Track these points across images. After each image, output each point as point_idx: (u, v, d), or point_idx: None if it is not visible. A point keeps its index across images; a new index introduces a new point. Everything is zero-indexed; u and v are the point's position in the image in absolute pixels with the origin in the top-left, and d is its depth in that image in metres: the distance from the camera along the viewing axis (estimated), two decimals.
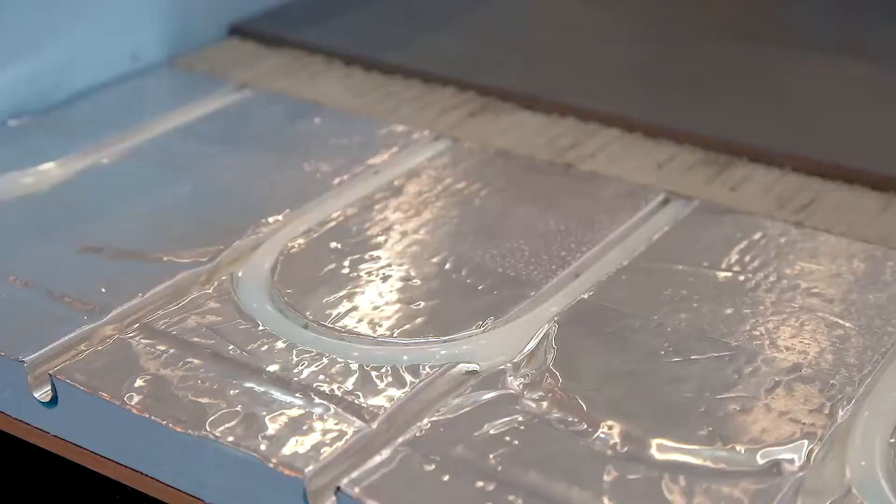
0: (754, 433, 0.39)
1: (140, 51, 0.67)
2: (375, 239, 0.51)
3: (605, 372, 0.42)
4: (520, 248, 0.50)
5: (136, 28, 0.67)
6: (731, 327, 0.45)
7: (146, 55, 0.68)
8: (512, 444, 0.39)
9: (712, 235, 0.51)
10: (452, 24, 0.73)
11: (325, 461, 0.38)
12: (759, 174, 0.56)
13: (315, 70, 0.67)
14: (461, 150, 0.59)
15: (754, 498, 0.37)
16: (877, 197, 0.54)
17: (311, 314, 0.46)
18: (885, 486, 0.37)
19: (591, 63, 0.67)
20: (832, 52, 0.68)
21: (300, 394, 0.42)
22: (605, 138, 0.60)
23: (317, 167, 0.57)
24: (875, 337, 0.44)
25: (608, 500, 0.37)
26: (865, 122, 0.60)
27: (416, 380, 0.42)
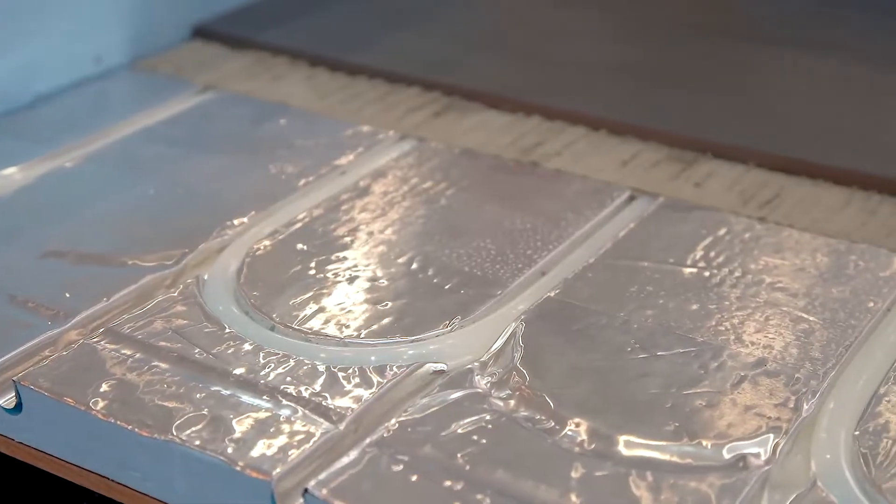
0: (720, 428, 0.39)
1: (103, 53, 0.67)
2: (342, 240, 0.51)
3: (571, 369, 0.42)
4: (486, 247, 0.50)
5: (99, 31, 0.67)
6: (697, 323, 0.45)
7: (109, 58, 0.67)
8: (479, 443, 0.39)
9: (677, 232, 0.51)
10: (417, 24, 0.73)
11: (292, 463, 0.38)
12: (724, 170, 0.56)
13: (280, 71, 0.67)
14: (427, 150, 0.59)
15: (721, 492, 0.37)
16: (840, 192, 0.54)
17: (277, 316, 0.46)
18: (849, 478, 0.37)
19: (555, 61, 0.68)
20: (795, 48, 0.69)
21: (267, 396, 0.42)
22: (571, 136, 0.60)
23: (282, 168, 0.57)
24: (839, 330, 0.44)
25: (575, 497, 0.37)
26: (829, 117, 0.61)
27: (384, 380, 0.42)
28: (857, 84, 0.64)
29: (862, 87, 0.64)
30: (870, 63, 0.66)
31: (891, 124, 0.60)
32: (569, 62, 0.67)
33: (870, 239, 0.50)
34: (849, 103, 0.62)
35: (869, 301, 0.46)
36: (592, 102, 0.62)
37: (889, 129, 0.59)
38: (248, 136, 0.61)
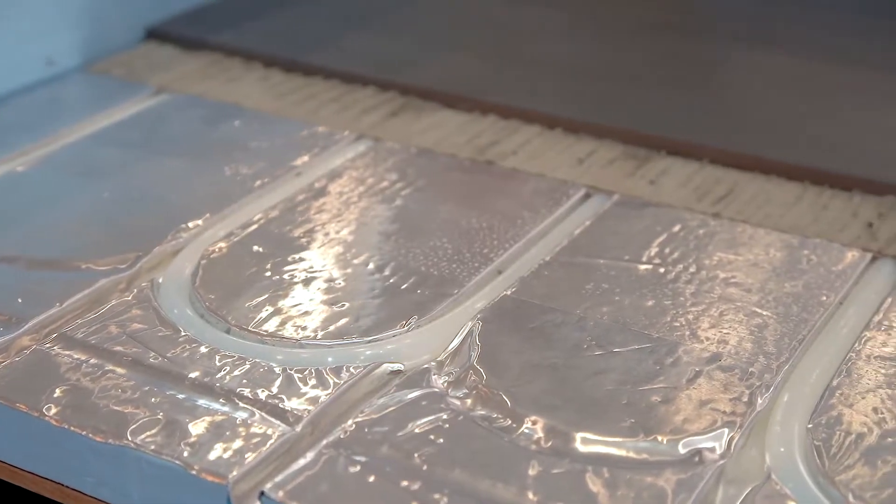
0: (676, 423, 0.40)
1: (55, 56, 0.66)
2: (298, 241, 0.51)
3: (528, 367, 0.42)
4: (442, 247, 0.50)
5: (51, 33, 0.66)
6: (652, 319, 0.45)
7: (61, 60, 0.67)
8: (437, 442, 0.39)
9: (633, 229, 0.51)
10: (373, 23, 0.72)
11: (248, 466, 0.38)
12: (678, 167, 0.57)
13: (234, 72, 0.67)
14: (383, 150, 0.59)
15: (677, 487, 0.37)
16: (792, 187, 0.55)
17: (233, 319, 0.46)
18: (803, 471, 0.38)
19: (511, 60, 0.68)
20: (748, 45, 0.69)
21: (223, 399, 0.41)
22: (526, 135, 0.60)
23: (237, 170, 0.57)
24: (792, 324, 0.45)
25: (532, 494, 0.37)
26: (781, 113, 0.61)
27: (340, 381, 0.42)
28: (810, 80, 0.65)
29: (814, 84, 0.64)
30: (822, 59, 0.67)
31: (842, 120, 0.60)
32: (524, 60, 0.68)
33: (822, 233, 0.51)
34: (801, 99, 0.63)
35: (822, 295, 0.46)
36: (548, 101, 0.63)
37: (841, 125, 0.60)
38: (203, 138, 0.60)
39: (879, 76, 0.65)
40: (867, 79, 0.65)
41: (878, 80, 0.65)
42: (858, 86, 0.64)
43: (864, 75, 0.65)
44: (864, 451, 0.38)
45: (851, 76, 0.65)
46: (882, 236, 0.50)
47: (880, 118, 0.60)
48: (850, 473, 0.37)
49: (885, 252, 0.49)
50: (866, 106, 0.62)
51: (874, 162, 0.56)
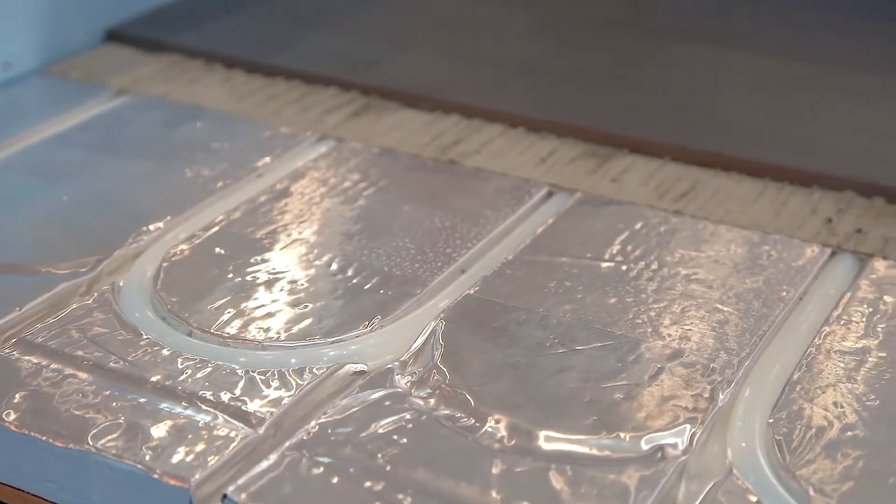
0: (638, 420, 0.40)
1: (12, 59, 0.66)
2: (260, 242, 0.51)
3: (491, 366, 0.43)
4: (405, 247, 0.50)
5: (7, 35, 0.65)
6: (615, 316, 0.45)
7: (19, 63, 0.66)
8: (400, 442, 0.39)
9: (595, 227, 0.51)
10: (334, 24, 0.72)
11: (211, 469, 0.38)
12: (640, 165, 0.57)
13: (195, 74, 0.67)
14: (345, 150, 0.59)
15: (640, 483, 0.37)
16: (753, 183, 0.55)
17: (195, 321, 0.45)
18: (764, 465, 0.38)
19: (473, 59, 0.68)
20: (708, 43, 0.70)
21: (185, 402, 0.41)
22: (489, 134, 0.60)
23: (198, 172, 0.56)
24: (753, 320, 0.45)
25: (496, 493, 0.37)
26: (742, 110, 0.62)
27: (304, 383, 0.42)
28: (770, 78, 0.65)
29: (774, 81, 0.65)
30: (781, 57, 0.67)
31: (802, 117, 0.61)
32: (486, 60, 0.68)
33: (782, 229, 0.51)
34: (761, 97, 0.63)
35: (782, 290, 0.47)
36: (510, 100, 0.63)
37: (800, 121, 0.60)
38: (164, 140, 0.60)
39: (837, 72, 0.66)
40: (825, 75, 0.65)
41: (835, 77, 0.65)
42: (817, 83, 0.65)
43: (822, 72, 0.66)
44: (824, 445, 0.39)
45: (810, 73, 0.66)
46: (841, 231, 0.51)
47: (839, 114, 0.61)
48: (811, 467, 0.38)
49: (843, 247, 0.50)
50: (825, 102, 0.62)
51: (833, 158, 0.56)
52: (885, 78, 0.65)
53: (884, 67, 0.66)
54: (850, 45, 0.69)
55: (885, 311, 0.45)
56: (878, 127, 0.59)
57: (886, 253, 0.49)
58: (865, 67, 0.66)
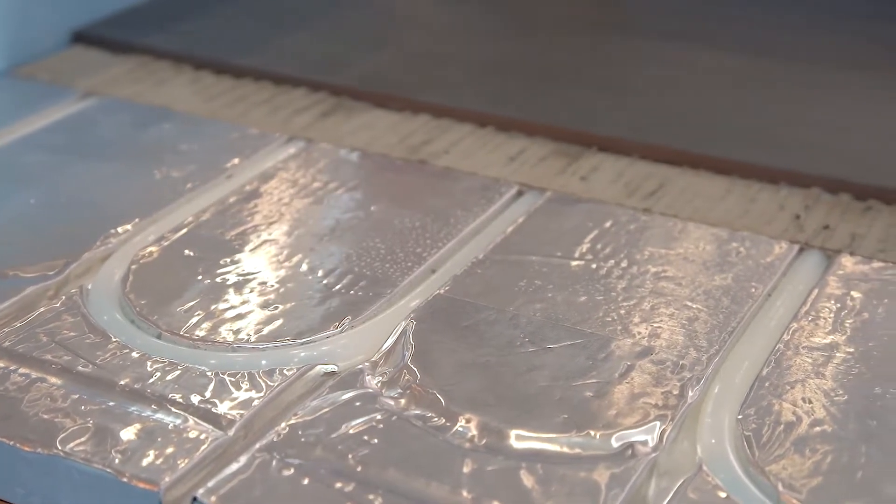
0: (608, 418, 0.40)
1: None
2: (230, 244, 0.50)
3: (462, 365, 0.43)
4: (375, 247, 0.50)
5: None
6: (585, 315, 0.45)
7: None
8: (371, 443, 0.39)
9: (564, 225, 0.52)
10: (302, 24, 0.72)
11: (181, 472, 0.38)
12: (609, 163, 0.57)
13: (163, 75, 0.66)
14: (315, 151, 0.58)
15: (610, 481, 0.37)
16: (721, 181, 0.55)
17: (164, 324, 0.45)
18: (734, 461, 0.38)
19: (442, 59, 0.68)
20: (676, 41, 0.70)
21: (155, 405, 0.41)
22: (458, 134, 0.60)
23: (167, 174, 0.56)
24: (722, 316, 0.45)
25: (466, 492, 0.37)
26: (709, 108, 0.62)
27: (274, 384, 0.42)
28: (737, 75, 0.66)
29: (741, 79, 0.65)
30: (748, 55, 0.68)
31: (768, 114, 0.61)
32: (455, 59, 0.68)
33: (750, 226, 0.51)
34: (728, 94, 0.63)
35: (751, 287, 0.47)
36: (479, 99, 0.63)
37: (767, 118, 0.61)
38: (132, 142, 0.60)
39: (803, 70, 0.66)
40: (791, 73, 0.66)
41: (802, 74, 0.66)
42: (783, 80, 0.65)
43: (788, 70, 0.66)
44: (793, 441, 0.39)
45: (777, 71, 0.66)
46: (809, 228, 0.51)
47: (806, 111, 0.61)
48: (781, 463, 0.38)
49: (811, 243, 0.50)
50: (792, 99, 0.63)
51: (801, 155, 0.57)
52: (850, 75, 0.65)
53: (849, 65, 0.66)
54: (816, 42, 0.70)
55: (852, 306, 0.45)
56: (845, 124, 0.60)
57: (853, 249, 0.49)
58: (830, 65, 0.66)
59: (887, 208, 0.52)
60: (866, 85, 0.64)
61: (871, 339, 0.44)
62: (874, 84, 0.64)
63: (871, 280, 0.47)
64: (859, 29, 0.71)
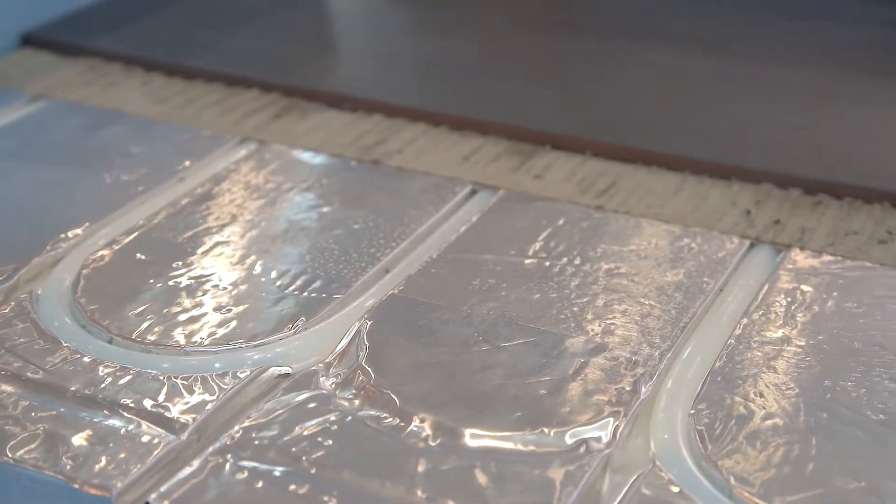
0: (562, 415, 0.40)
1: None
2: (182, 247, 0.50)
3: (416, 365, 0.43)
4: (329, 248, 0.50)
5: None
6: (538, 312, 0.45)
7: None
8: (325, 444, 0.39)
9: (518, 224, 0.52)
10: (254, 25, 0.72)
11: (133, 477, 0.38)
12: (562, 161, 0.57)
13: (114, 78, 0.66)
14: (268, 152, 0.58)
15: (564, 478, 0.37)
16: (673, 177, 0.55)
17: (116, 328, 0.45)
18: (686, 456, 0.38)
19: (395, 59, 0.68)
20: (627, 40, 0.70)
21: (107, 410, 0.41)
22: (412, 133, 0.60)
23: (118, 177, 0.56)
24: (675, 312, 0.45)
25: (421, 492, 0.37)
26: (661, 105, 0.62)
27: (227, 387, 0.42)
28: (688, 73, 0.66)
29: (692, 76, 0.66)
30: (699, 52, 0.68)
31: (720, 111, 0.61)
32: (407, 59, 0.68)
33: (702, 222, 0.52)
34: (680, 92, 0.64)
35: (703, 282, 0.47)
36: (432, 98, 0.63)
37: (717, 115, 0.61)
38: (82, 146, 0.59)
39: (754, 67, 0.66)
40: (742, 69, 0.66)
41: (753, 71, 0.66)
42: (734, 77, 0.65)
43: (739, 66, 0.67)
44: (746, 435, 0.39)
45: (728, 67, 0.67)
46: (759, 223, 0.52)
47: (756, 107, 0.62)
48: (733, 457, 0.38)
49: (762, 238, 0.50)
50: (742, 96, 0.63)
51: (751, 151, 0.57)
52: (800, 72, 0.66)
53: (798, 62, 0.67)
54: (766, 40, 0.70)
55: (802, 300, 0.46)
56: (794, 119, 0.60)
57: (804, 243, 0.50)
58: (780, 61, 0.67)
59: (836, 203, 0.53)
60: (816, 82, 0.65)
61: (822, 332, 0.44)
62: (824, 81, 0.65)
63: (821, 274, 0.47)
64: (808, 27, 0.72)
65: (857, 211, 0.52)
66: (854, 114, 0.61)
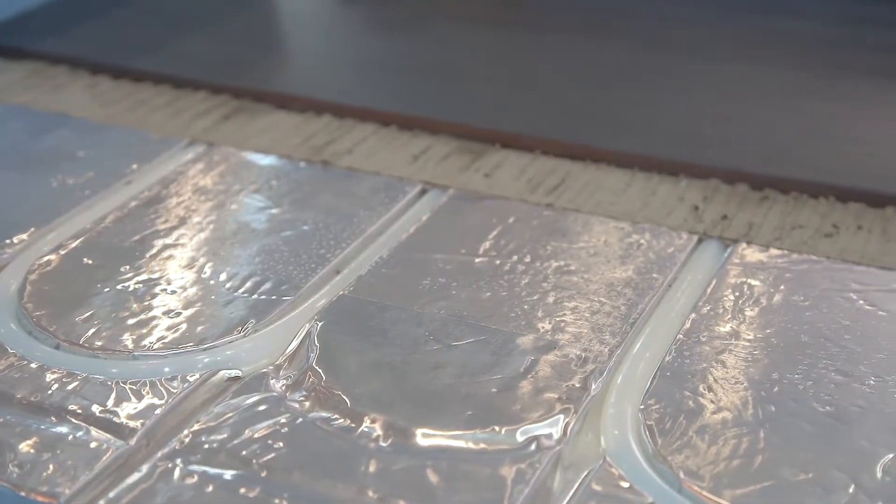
0: (513, 413, 0.40)
1: None
2: (130, 251, 0.50)
3: (367, 366, 0.42)
4: (279, 249, 0.50)
5: None
6: (489, 311, 0.45)
7: None
8: (275, 447, 0.39)
9: (468, 222, 0.52)
10: (201, 26, 0.71)
11: (81, 483, 0.37)
12: (512, 159, 0.57)
13: (59, 81, 0.65)
14: (216, 154, 0.58)
15: (515, 476, 0.37)
16: (622, 174, 0.56)
17: (63, 334, 0.44)
18: (636, 452, 0.39)
19: (344, 59, 0.68)
20: (575, 37, 0.70)
21: (55, 417, 0.40)
22: (361, 133, 0.60)
23: (64, 181, 0.55)
24: (625, 308, 0.46)
25: (372, 492, 0.37)
26: (610, 102, 0.63)
27: (176, 391, 0.41)
28: (636, 70, 0.66)
29: (641, 73, 0.66)
30: (647, 49, 0.69)
31: (668, 108, 0.62)
32: (356, 59, 0.68)
33: (651, 218, 0.52)
34: (629, 89, 0.64)
35: (652, 278, 0.48)
36: (382, 98, 0.63)
37: (667, 112, 0.61)
38: (27, 150, 0.58)
39: (702, 63, 0.67)
40: (689, 67, 0.67)
41: (701, 67, 0.67)
42: (683, 73, 0.66)
43: (687, 63, 0.67)
44: (695, 429, 0.39)
45: (676, 64, 0.67)
46: (707, 218, 0.52)
47: (704, 104, 0.62)
48: (683, 452, 0.38)
49: (710, 234, 0.51)
50: (690, 92, 0.64)
51: (699, 147, 0.57)
52: (746, 68, 0.66)
53: (745, 58, 0.68)
54: (713, 36, 0.71)
55: (750, 294, 0.46)
56: (741, 116, 0.61)
57: (751, 238, 0.50)
58: (726, 58, 0.68)
59: (783, 197, 0.53)
60: (762, 77, 0.65)
61: (769, 326, 0.44)
62: (770, 77, 0.65)
63: (768, 268, 0.48)
64: (754, 22, 0.73)
65: (803, 205, 0.53)
66: (800, 109, 0.61)
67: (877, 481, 0.37)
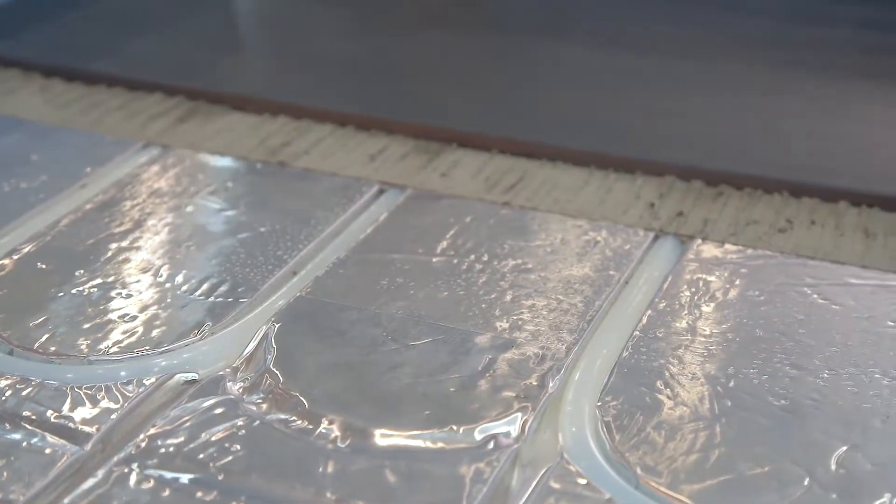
0: (471, 411, 0.40)
1: None
2: (85, 255, 0.49)
3: (325, 367, 0.42)
4: (235, 251, 0.50)
5: None
6: (447, 310, 0.45)
7: None
8: (232, 450, 0.38)
9: (426, 222, 0.52)
10: (156, 28, 0.71)
11: (36, 490, 0.37)
12: (469, 158, 0.57)
13: (11, 84, 0.64)
14: (172, 156, 0.57)
15: (474, 474, 0.37)
16: (579, 172, 0.56)
17: (16, 339, 0.44)
18: (594, 448, 0.39)
19: (301, 60, 0.67)
20: (530, 36, 0.71)
21: (8, 424, 0.40)
22: (318, 134, 0.60)
23: (17, 185, 0.54)
24: (582, 305, 0.46)
25: (330, 493, 0.37)
26: (566, 101, 0.63)
27: (132, 395, 0.41)
28: (591, 69, 0.67)
29: (596, 72, 0.66)
30: (602, 48, 0.69)
31: (624, 105, 0.62)
32: (312, 60, 0.67)
33: (608, 216, 0.52)
34: (584, 87, 0.64)
35: (609, 275, 0.48)
36: (338, 99, 0.63)
37: (623, 109, 0.62)
38: None
39: (657, 60, 0.67)
40: (644, 65, 0.67)
41: (655, 65, 0.67)
42: (638, 71, 0.66)
43: (642, 60, 0.67)
44: (653, 426, 0.39)
45: (631, 62, 0.67)
46: (663, 215, 0.52)
47: (660, 102, 0.63)
48: (640, 448, 0.38)
49: (666, 230, 0.51)
50: (647, 91, 0.64)
51: (655, 144, 0.58)
52: (702, 66, 0.67)
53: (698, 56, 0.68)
54: (669, 35, 0.71)
55: (706, 290, 0.47)
56: (696, 113, 0.61)
57: (706, 234, 0.51)
58: (682, 56, 0.68)
59: (737, 193, 0.54)
60: (717, 74, 0.66)
61: (725, 321, 0.45)
62: (724, 74, 0.66)
63: (724, 264, 0.48)
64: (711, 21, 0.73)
65: (757, 201, 0.53)
66: (754, 106, 0.62)
67: (831, 474, 0.37)
